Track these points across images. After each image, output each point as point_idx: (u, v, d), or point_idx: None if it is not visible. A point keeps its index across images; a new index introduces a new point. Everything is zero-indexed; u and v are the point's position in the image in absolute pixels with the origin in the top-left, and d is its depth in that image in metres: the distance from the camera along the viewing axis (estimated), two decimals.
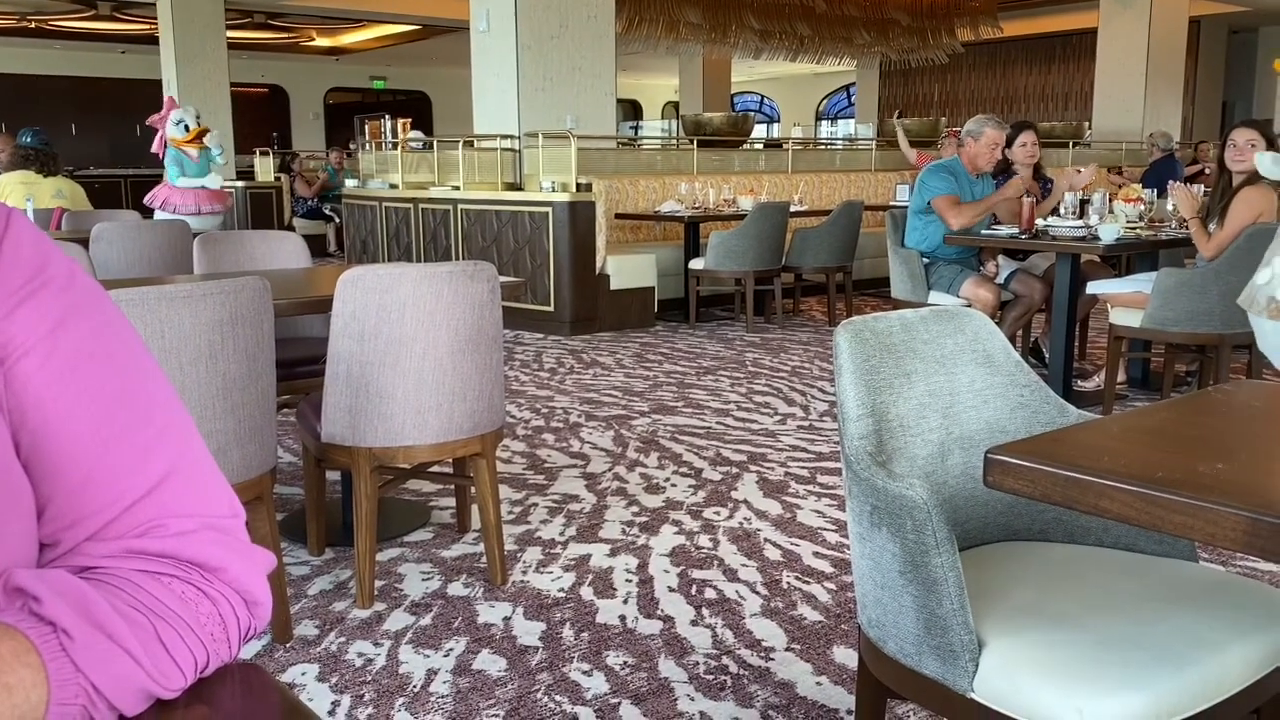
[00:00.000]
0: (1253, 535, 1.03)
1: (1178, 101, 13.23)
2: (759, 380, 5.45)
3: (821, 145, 13.50)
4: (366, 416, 2.60)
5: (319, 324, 3.59)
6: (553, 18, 7.78)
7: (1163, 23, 12.55)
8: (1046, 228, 4.79)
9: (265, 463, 2.44)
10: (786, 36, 13.91)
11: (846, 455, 1.59)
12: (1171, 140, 9.95)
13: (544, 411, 4.80)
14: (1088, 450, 1.29)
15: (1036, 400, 1.79)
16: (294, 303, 2.88)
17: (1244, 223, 4.26)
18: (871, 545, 1.53)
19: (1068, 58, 17.50)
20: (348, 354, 2.58)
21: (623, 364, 5.95)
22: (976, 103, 18.78)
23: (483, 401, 2.70)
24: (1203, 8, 13.97)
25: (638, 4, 12.16)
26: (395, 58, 19.19)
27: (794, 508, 3.42)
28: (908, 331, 1.76)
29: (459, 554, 3.03)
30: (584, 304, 6.99)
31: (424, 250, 7.99)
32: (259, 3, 13.62)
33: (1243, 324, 4.32)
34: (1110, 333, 4.63)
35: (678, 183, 7.98)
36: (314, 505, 3.03)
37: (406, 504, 3.47)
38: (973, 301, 4.86)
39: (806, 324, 7.40)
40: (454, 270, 2.59)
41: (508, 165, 7.83)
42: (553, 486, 3.67)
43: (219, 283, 2.27)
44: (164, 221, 5.81)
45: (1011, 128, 5.47)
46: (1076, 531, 1.78)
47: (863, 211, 7.52)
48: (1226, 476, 1.17)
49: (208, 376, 2.24)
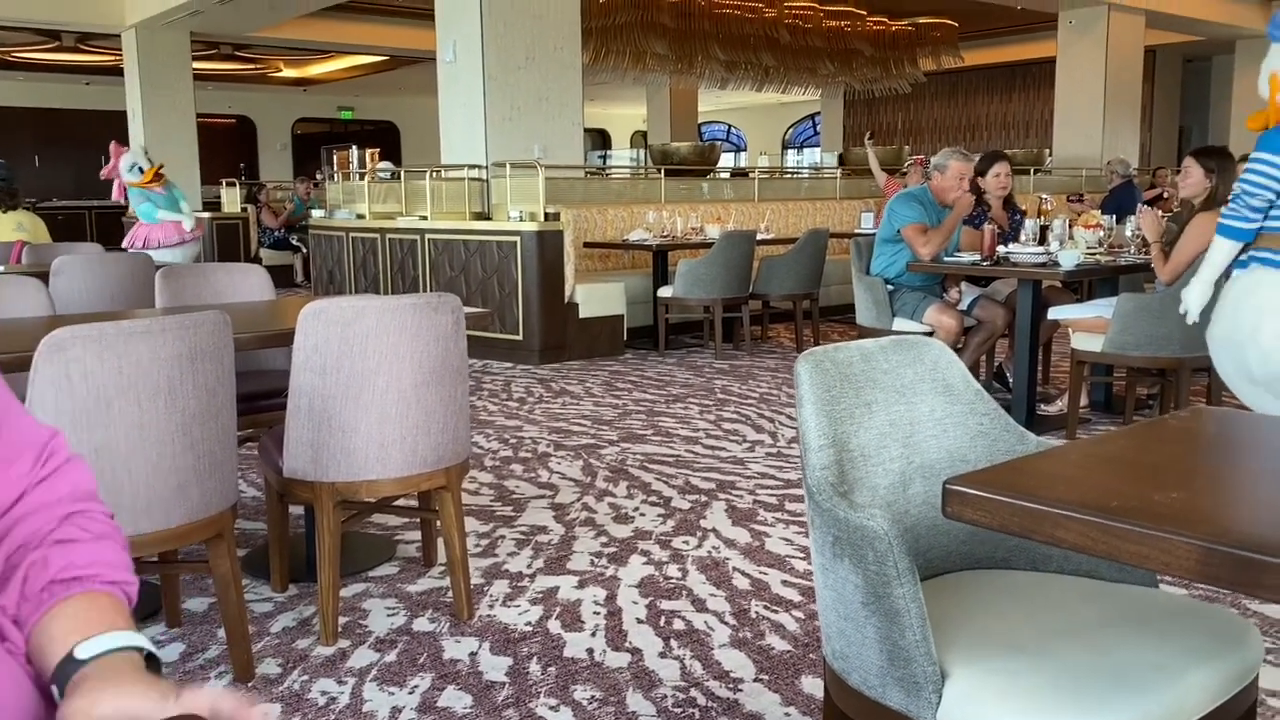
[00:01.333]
0: (1206, 564, 1.03)
1: (1135, 128, 13.47)
2: (728, 407, 5.46)
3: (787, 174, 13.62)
4: (329, 451, 2.57)
5: (282, 356, 3.56)
6: (519, 49, 7.82)
7: (1119, 52, 12.80)
8: (1008, 254, 4.84)
9: (226, 499, 2.41)
10: (752, 67, 14.06)
11: (808, 486, 1.59)
12: (1130, 167, 10.12)
13: (512, 441, 4.78)
14: (1045, 480, 1.30)
15: (996, 428, 1.80)
16: (256, 336, 2.86)
17: (1196, 248, 4.33)
18: (834, 576, 1.53)
19: (1028, 86, 17.80)
20: (310, 387, 2.55)
21: (592, 392, 5.94)
22: (940, 131, 19.06)
23: (447, 434, 2.68)
24: (1157, 37, 14.27)
25: (604, 35, 12.25)
26: (363, 88, 19.21)
27: (762, 536, 3.41)
28: (868, 361, 1.77)
29: (424, 588, 3.00)
30: (553, 332, 6.98)
31: (391, 280, 7.97)
32: (225, 35, 13.60)
33: (1202, 347, 4.39)
34: (1072, 357, 4.68)
35: (646, 211, 8.01)
36: (277, 541, 2.99)
37: (371, 538, 3.43)
38: (936, 328, 4.91)
39: (774, 350, 7.43)
40: (418, 302, 2.58)
41: (475, 195, 7.83)
42: (520, 518, 3.65)
43: (178, 317, 2.24)
44: (126, 254, 5.76)
45: (985, 158, 5.55)
46: (1038, 558, 1.79)
47: (828, 239, 7.58)
48: (1182, 505, 1.18)
49: (167, 413, 2.21)
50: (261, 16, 12.29)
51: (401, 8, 13.27)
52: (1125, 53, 12.92)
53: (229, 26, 12.81)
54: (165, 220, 8.13)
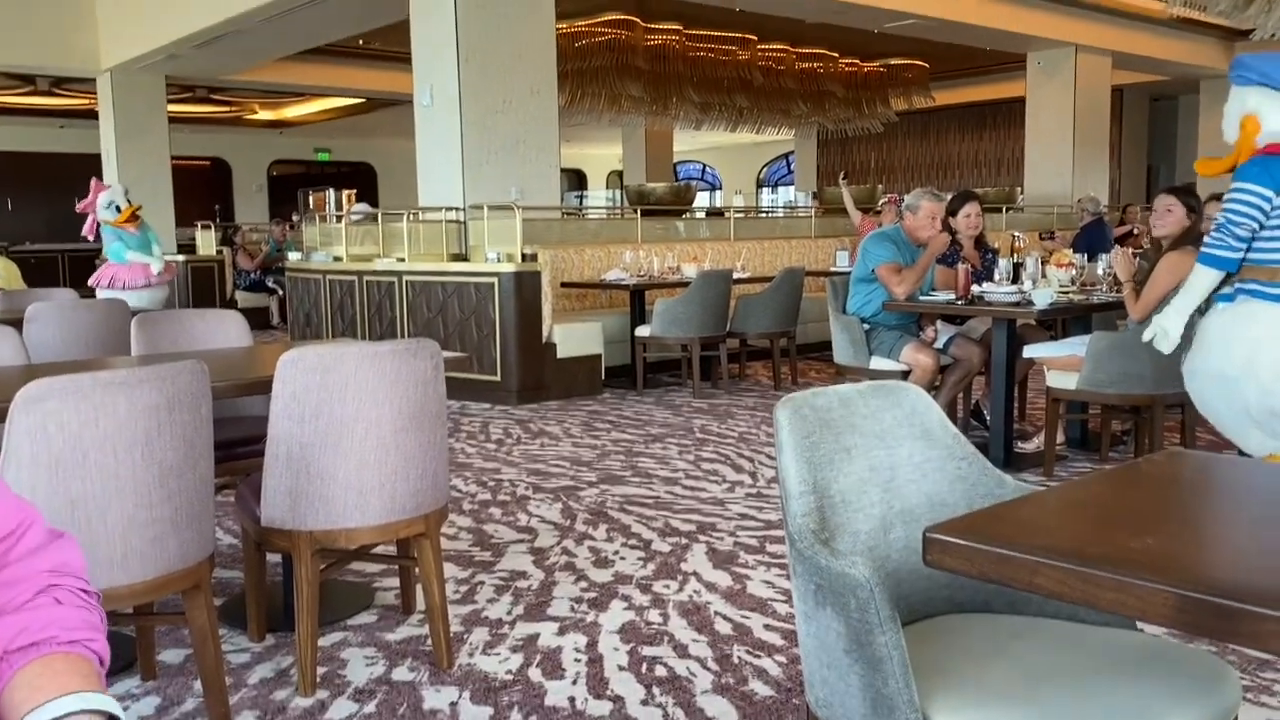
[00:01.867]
0: (1182, 612, 1.05)
1: (1105, 166, 13.70)
2: (707, 447, 5.47)
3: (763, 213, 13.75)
4: (307, 499, 2.56)
5: (260, 402, 3.54)
6: (496, 92, 7.87)
7: (1087, 92, 13.04)
8: (982, 293, 4.90)
9: (203, 549, 2.39)
10: (726, 108, 14.24)
11: (790, 533, 1.59)
12: (1100, 204, 10.28)
13: (491, 484, 4.76)
14: (1023, 527, 1.32)
15: (975, 472, 1.82)
16: (234, 385, 2.85)
17: (1166, 286, 4.39)
18: (817, 624, 1.53)
19: (998, 125, 18.08)
20: (288, 435, 2.54)
21: (570, 433, 5.94)
22: (912, 169, 19.30)
23: (426, 480, 2.68)
24: (1124, 77, 14.55)
25: (580, 78, 12.37)
26: (339, 130, 19.26)
27: (744, 579, 3.41)
28: (846, 407, 1.78)
29: (404, 636, 2.98)
30: (531, 373, 6.98)
31: (369, 322, 7.95)
32: (201, 78, 13.63)
33: (1174, 384, 4.44)
34: (1048, 395, 4.72)
35: (623, 251, 8.06)
36: (254, 590, 2.96)
37: (350, 586, 3.40)
38: (913, 366, 4.94)
39: (753, 388, 7.45)
40: (396, 348, 2.59)
41: (453, 236, 7.85)
42: (500, 563, 3.62)
43: (155, 368, 2.23)
44: (101, 301, 5.73)
45: (956, 198, 5.62)
46: (1018, 601, 1.80)
47: (804, 277, 7.64)
48: (1157, 551, 1.19)
49: (144, 464, 2.19)
50: (237, 60, 12.34)
51: (378, 51, 13.36)
52: (1093, 92, 13.17)
53: (204, 70, 12.85)
54: (134, 261, 8.15)
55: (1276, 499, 1.54)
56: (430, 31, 7.93)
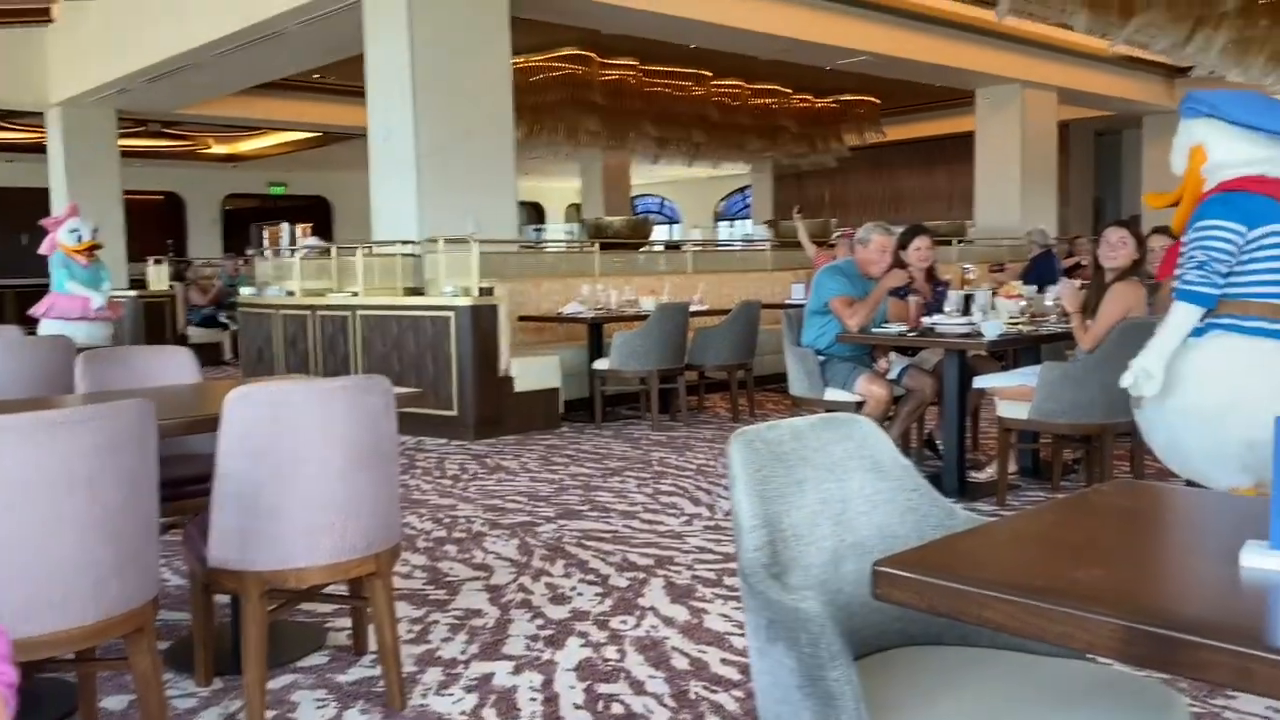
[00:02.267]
0: (1128, 644, 1.05)
1: (1052, 199, 13.99)
2: (665, 480, 5.46)
3: (720, 246, 13.86)
4: (256, 538, 2.51)
5: (208, 440, 3.47)
6: (452, 126, 7.88)
7: (1034, 126, 13.33)
8: (933, 325, 4.95)
9: (146, 592, 2.33)
10: (683, 143, 14.38)
11: (742, 568, 1.59)
12: (1048, 236, 10.47)
13: (446, 521, 4.71)
14: (972, 560, 1.32)
15: (925, 504, 1.83)
16: (180, 423, 2.79)
17: (1114, 317, 4.48)
18: (770, 660, 1.52)
19: (949, 159, 18.39)
20: (236, 474, 2.50)
21: (528, 468, 5.90)
22: (865, 203, 19.56)
23: (378, 518, 2.64)
24: (1070, 112, 14.90)
25: (537, 112, 12.44)
26: (294, 163, 19.16)
27: (701, 613, 3.39)
28: (798, 439, 1.79)
29: (356, 678, 2.92)
30: (488, 407, 6.93)
31: (322, 357, 7.87)
32: (153, 112, 13.51)
33: (1124, 413, 4.50)
34: (1000, 425, 4.77)
35: (580, 284, 8.06)
36: (201, 632, 2.90)
37: (300, 626, 3.34)
38: (867, 397, 4.98)
39: (711, 421, 7.46)
40: (346, 385, 2.56)
41: (408, 270, 7.81)
42: (454, 601, 3.58)
43: (99, 407, 2.19)
44: (46, 339, 5.62)
45: (906, 232, 5.70)
46: (970, 633, 1.80)
47: (760, 310, 7.69)
48: (1104, 583, 1.20)
49: (86, 505, 2.14)
50: (191, 94, 12.25)
51: (333, 85, 13.34)
52: (1040, 127, 13.46)
53: (157, 104, 12.75)
54: (74, 292, 8.10)
55: (1221, 529, 1.56)
56: (385, 66, 7.94)
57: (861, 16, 10.61)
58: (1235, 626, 1.08)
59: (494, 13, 8.10)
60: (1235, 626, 1.08)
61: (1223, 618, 1.11)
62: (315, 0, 8.43)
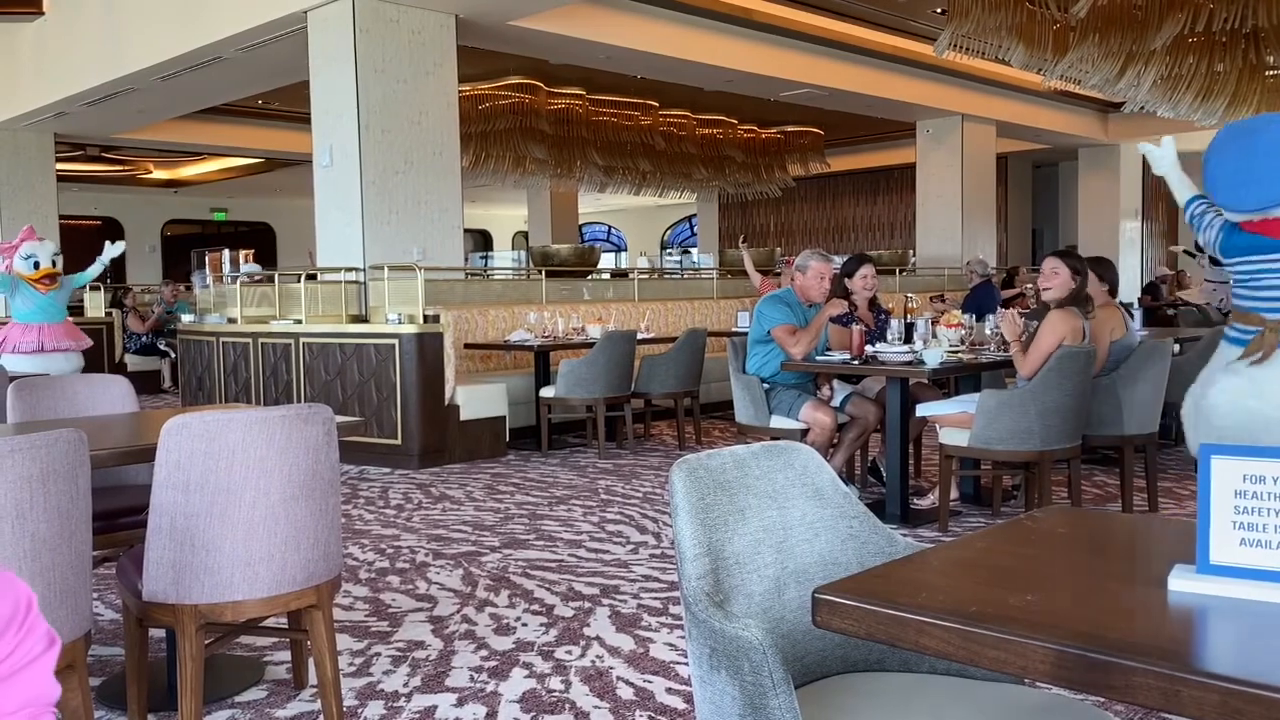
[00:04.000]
0: (1059, 667, 1.07)
1: (992, 229, 14.29)
2: (611, 508, 5.44)
3: (667, 274, 13.94)
4: (192, 571, 2.46)
5: (144, 471, 3.41)
6: (397, 153, 7.86)
7: (973, 158, 13.63)
8: (875, 353, 5.02)
9: (78, 628, 2.27)
10: (629, 171, 14.46)
11: (685, 597, 1.59)
12: (988, 267, 10.68)
13: (389, 551, 4.65)
14: (909, 586, 1.34)
15: (865, 531, 1.85)
16: (115, 453, 2.74)
17: (1049, 345, 4.57)
18: (712, 688, 1.53)
19: (891, 190, 18.72)
20: (171, 505, 2.45)
21: (473, 496, 5.85)
22: (810, 233, 19.82)
23: (318, 549, 2.60)
24: (1008, 145, 15.26)
25: (484, 140, 12.44)
26: (237, 189, 18.95)
27: (647, 642, 3.38)
28: (740, 468, 1.80)
29: (295, 713, 2.87)
30: (433, 436, 6.88)
31: (264, 386, 7.75)
32: (92, 136, 13.28)
33: (1061, 440, 4.60)
34: (941, 452, 4.84)
35: (527, 312, 8.05)
36: (135, 668, 2.82)
37: (237, 660, 3.27)
38: (811, 424, 5.02)
39: (658, 448, 7.47)
40: (286, 414, 2.52)
41: (352, 297, 7.75)
42: (397, 633, 3.53)
43: (28, 437, 2.13)
44: None
45: (851, 261, 5.80)
46: (911, 659, 1.82)
47: (706, 338, 7.74)
48: (1036, 608, 1.22)
49: (14, 538, 2.09)
50: (129, 119, 12.07)
51: (277, 111, 13.23)
52: (979, 159, 13.76)
53: (95, 128, 12.54)
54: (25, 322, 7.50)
55: (1151, 553, 1.60)
56: (329, 92, 7.90)
57: (805, 50, 10.79)
58: (1162, 649, 1.10)
59: (441, 41, 8.11)
60: (1162, 649, 1.10)
61: (1151, 640, 1.13)
62: (257, 27, 8.36)
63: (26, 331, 7.41)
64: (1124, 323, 5.23)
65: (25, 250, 7.44)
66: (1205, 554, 1.28)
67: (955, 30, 7.89)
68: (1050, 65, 8.52)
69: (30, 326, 7.43)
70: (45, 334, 7.42)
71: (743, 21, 10.00)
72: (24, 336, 7.40)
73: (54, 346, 7.41)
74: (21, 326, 7.44)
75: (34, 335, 7.38)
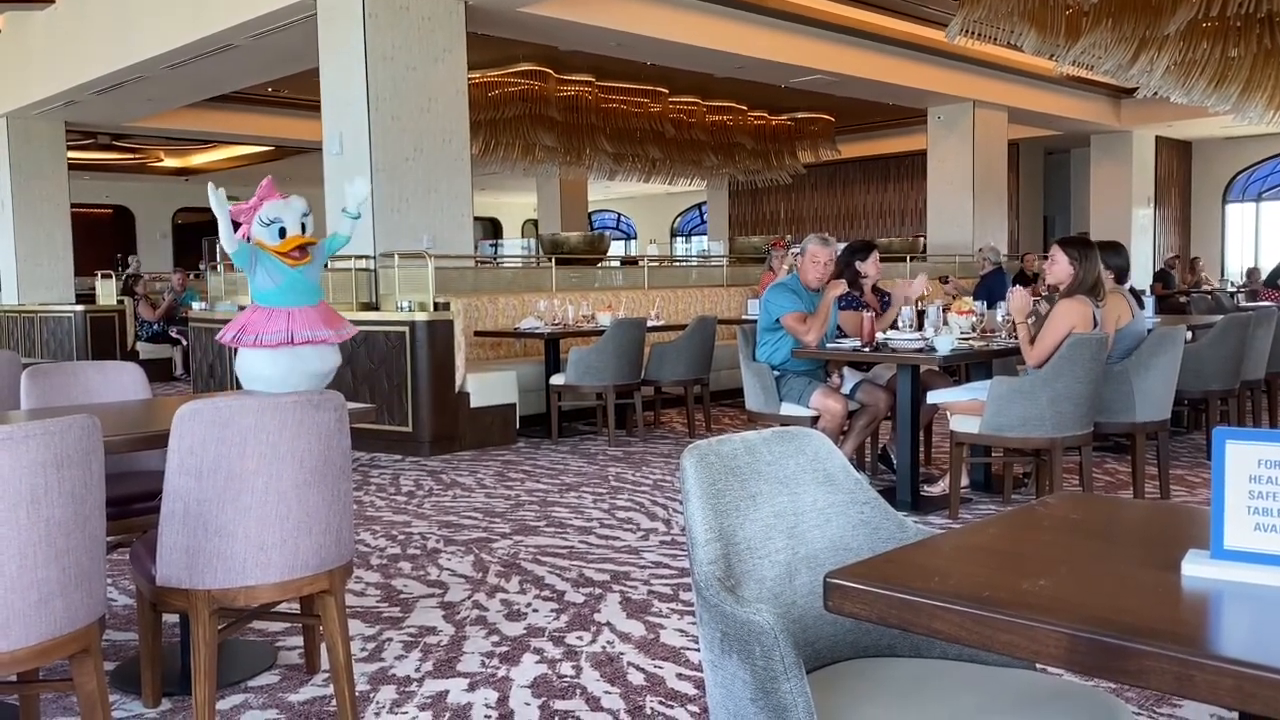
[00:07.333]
0: (1072, 651, 1.07)
1: (1003, 216, 14.22)
2: (621, 495, 5.45)
3: (676, 262, 13.92)
4: (205, 556, 2.47)
5: (157, 457, 3.43)
6: (407, 141, 7.85)
7: (985, 145, 13.56)
8: (886, 340, 5.01)
9: (92, 612, 2.28)
10: (639, 159, 14.43)
11: (696, 581, 1.59)
12: (1000, 254, 10.63)
13: (400, 538, 4.67)
14: (921, 571, 1.34)
15: (877, 517, 1.84)
16: (128, 439, 2.75)
17: (1060, 333, 4.56)
18: (723, 673, 1.53)
19: (902, 177, 18.65)
20: (184, 491, 2.46)
21: (484, 484, 5.87)
22: (820, 219, 19.76)
23: (330, 535, 2.61)
24: (1019, 131, 15.17)
25: (494, 127, 12.42)
26: (248, 177, 18.87)
27: (657, 628, 3.39)
28: (751, 454, 1.80)
29: (307, 697, 2.88)
30: (443, 423, 6.89)
31: None
32: (103, 125, 13.31)
33: (1072, 427, 4.58)
34: (952, 439, 4.83)
35: (537, 300, 8.06)
36: (149, 653, 2.84)
37: (250, 645, 3.29)
38: (822, 411, 5.02)
39: (667, 435, 7.47)
40: (298, 400, 2.53)
41: (363, 285, 7.76)
42: (408, 619, 3.55)
43: (43, 423, 2.14)
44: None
45: (861, 248, 5.80)
46: (922, 645, 1.82)
47: (716, 325, 7.73)
48: (1049, 593, 1.22)
49: (29, 523, 2.10)
50: (140, 107, 12.10)
51: (287, 99, 13.23)
52: (991, 146, 13.69)
53: (106, 117, 12.57)
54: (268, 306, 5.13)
55: (1164, 539, 1.59)
56: (339, 80, 7.89)
57: (816, 35, 10.74)
58: (1176, 633, 1.10)
59: (450, 28, 8.09)
60: (1176, 633, 1.10)
61: (1164, 625, 1.13)
62: (267, 14, 8.36)
63: (271, 318, 4.81)
64: (1130, 308, 5.20)
65: (267, 213, 4.85)
66: (1220, 539, 1.27)
67: (967, 15, 7.84)
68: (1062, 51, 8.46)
69: (276, 312, 4.80)
70: (295, 320, 4.80)
71: (753, 7, 9.95)
72: (268, 325, 4.87)
73: (307, 337, 4.85)
74: (265, 311, 4.82)
75: (281, 322, 4.77)
